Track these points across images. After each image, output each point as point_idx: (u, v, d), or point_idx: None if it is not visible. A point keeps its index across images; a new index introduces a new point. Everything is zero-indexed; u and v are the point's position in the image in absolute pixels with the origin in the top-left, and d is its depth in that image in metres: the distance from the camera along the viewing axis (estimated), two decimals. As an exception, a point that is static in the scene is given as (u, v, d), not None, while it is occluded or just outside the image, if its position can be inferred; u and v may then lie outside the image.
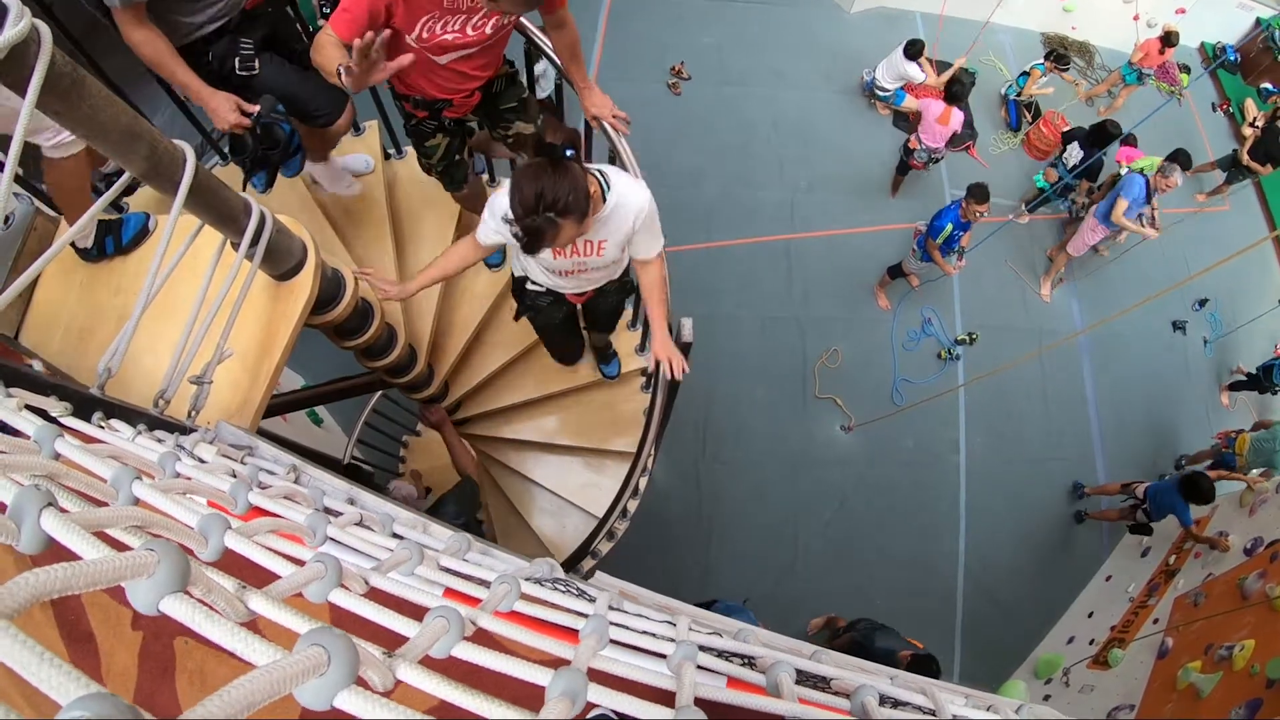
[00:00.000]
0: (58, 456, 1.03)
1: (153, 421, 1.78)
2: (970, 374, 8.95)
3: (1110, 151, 9.52)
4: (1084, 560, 8.65)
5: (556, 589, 1.39)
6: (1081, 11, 11.68)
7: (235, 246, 2.08)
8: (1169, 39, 10.49)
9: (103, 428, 1.57)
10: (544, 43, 3.43)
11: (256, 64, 3.27)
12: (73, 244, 2.77)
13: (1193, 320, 10.21)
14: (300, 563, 0.92)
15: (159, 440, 1.65)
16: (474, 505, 4.55)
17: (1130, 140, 9.68)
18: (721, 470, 8.16)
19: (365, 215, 4.26)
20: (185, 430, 1.92)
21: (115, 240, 2.93)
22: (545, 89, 7.19)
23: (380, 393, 6.31)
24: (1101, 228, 8.75)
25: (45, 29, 1.32)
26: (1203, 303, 10.27)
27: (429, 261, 3.72)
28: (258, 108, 3.11)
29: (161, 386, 1.87)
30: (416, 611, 0.90)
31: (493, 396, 5.02)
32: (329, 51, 2.59)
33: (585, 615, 1.28)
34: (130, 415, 1.72)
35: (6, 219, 2.86)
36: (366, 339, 3.18)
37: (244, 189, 3.78)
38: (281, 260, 2.30)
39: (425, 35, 2.78)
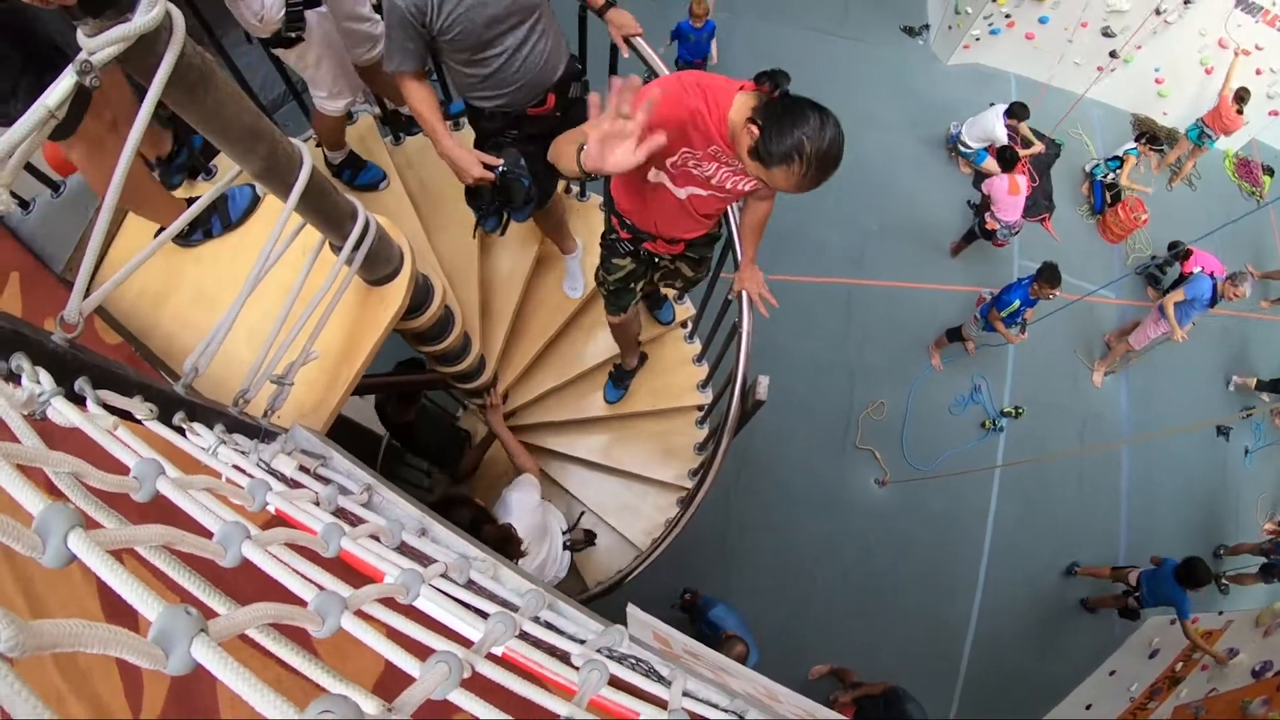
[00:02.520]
0: (156, 495, 0.97)
1: (231, 423, 1.72)
2: (1010, 447, 8.92)
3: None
4: (1091, 649, 8.50)
5: (625, 664, 1.35)
6: (1175, 98, 11.48)
7: (335, 249, 2.02)
8: (1242, 96, 10.24)
9: (183, 430, 1.50)
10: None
11: (504, 156, 3.31)
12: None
13: (1237, 426, 9.98)
14: (409, 643, 0.91)
15: (240, 450, 1.58)
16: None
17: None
18: (752, 501, 8.12)
19: (454, 215, 4.17)
20: (262, 432, 1.86)
21: (223, 219, 2.82)
22: None
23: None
24: (1165, 322, 8.57)
25: (179, 16, 1.25)
26: (1249, 410, 10.00)
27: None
28: (501, 163, 3.18)
29: (243, 386, 1.81)
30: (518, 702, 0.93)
31: (550, 409, 4.99)
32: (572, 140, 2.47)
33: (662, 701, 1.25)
34: (210, 415, 1.65)
35: None
36: (444, 347, 3.13)
37: (474, 234, 3.97)
38: (378, 266, 2.23)
39: (679, 163, 2.74)
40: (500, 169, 3.23)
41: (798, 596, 7.98)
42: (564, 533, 4.31)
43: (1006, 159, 8.73)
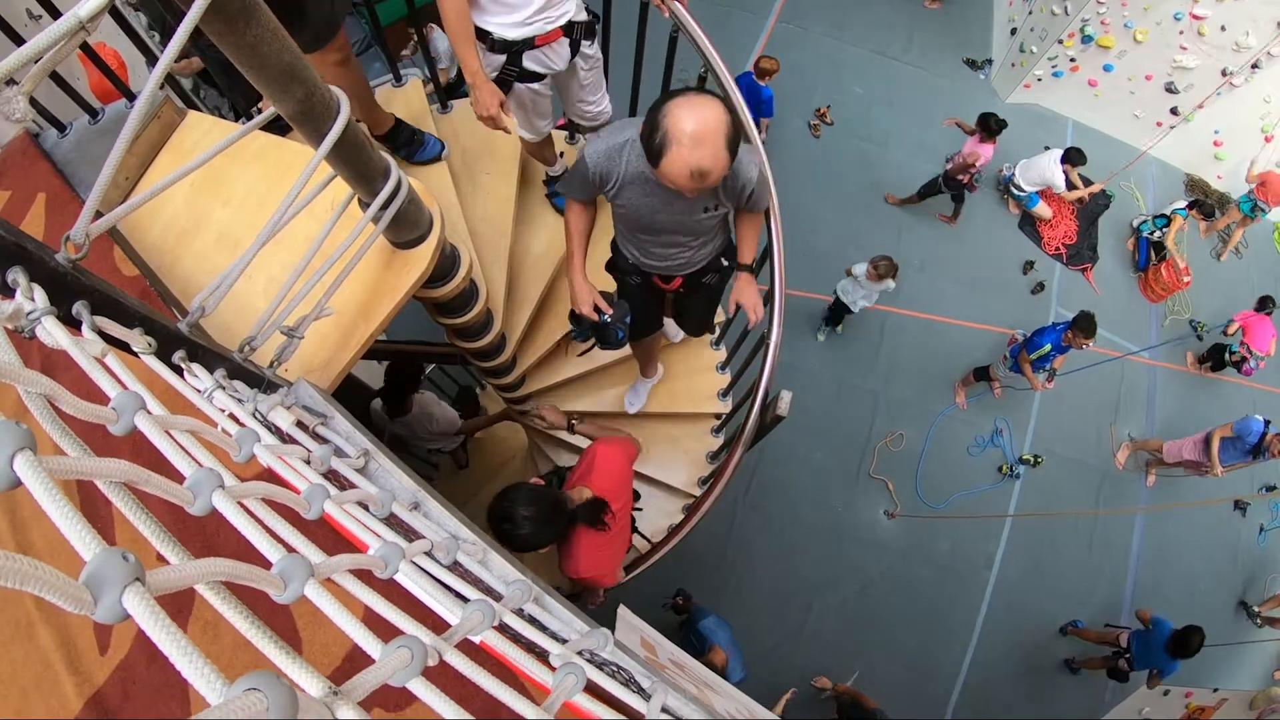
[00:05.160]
0: (134, 431, 0.93)
1: (233, 369, 1.68)
2: (1025, 496, 8.86)
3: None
4: (1081, 710, 8.41)
5: (605, 671, 1.31)
6: (1231, 162, 11.34)
7: (363, 206, 1.98)
8: None
9: (180, 370, 1.46)
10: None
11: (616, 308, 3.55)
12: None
13: (1255, 503, 9.79)
14: (379, 623, 0.92)
15: (237, 398, 1.54)
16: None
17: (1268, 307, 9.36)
18: (757, 518, 8.12)
19: (493, 190, 4.17)
20: (264, 383, 1.82)
21: (409, 152, 3.83)
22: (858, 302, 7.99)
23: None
24: (1200, 449, 8.37)
25: (224, -63, 1.22)
26: (1270, 489, 9.88)
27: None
28: (610, 311, 3.44)
29: (251, 333, 1.77)
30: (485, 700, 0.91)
31: (565, 399, 4.96)
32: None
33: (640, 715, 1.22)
34: (211, 358, 1.61)
35: (134, 97, 2.82)
36: (465, 321, 3.11)
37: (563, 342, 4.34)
38: (406, 230, 2.20)
39: None
40: (605, 317, 3.44)
41: (792, 622, 7.98)
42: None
43: (990, 128, 8.61)
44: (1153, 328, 10.31)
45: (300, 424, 1.74)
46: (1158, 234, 10.29)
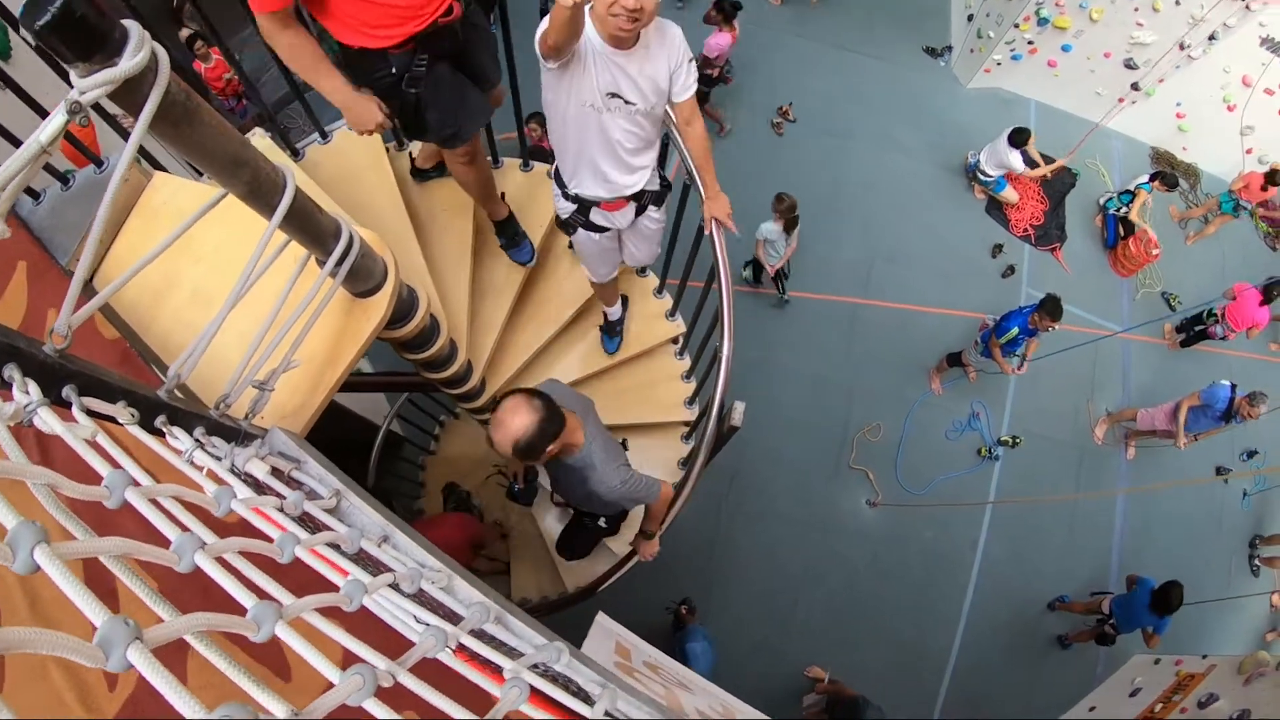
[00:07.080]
0: (124, 505, 1.07)
1: (212, 425, 1.82)
2: (1006, 477, 8.98)
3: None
4: (1072, 683, 8.35)
5: (558, 684, 1.44)
6: (1195, 133, 11.46)
7: (320, 262, 2.13)
8: (1273, 177, 10.16)
9: (163, 434, 1.60)
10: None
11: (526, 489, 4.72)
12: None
13: (1237, 469, 9.90)
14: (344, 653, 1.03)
15: (215, 456, 1.69)
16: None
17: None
18: (741, 517, 8.21)
19: (449, 225, 4.28)
20: (241, 434, 1.96)
21: (508, 246, 4.34)
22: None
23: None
24: (1174, 420, 8.50)
25: (164, 59, 1.34)
26: (1251, 454, 10.00)
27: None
28: (521, 487, 4.50)
29: (225, 391, 1.91)
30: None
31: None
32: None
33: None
34: (190, 419, 1.75)
35: (102, 163, 2.93)
36: (428, 355, 3.24)
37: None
38: (362, 280, 2.33)
39: None
40: (516, 488, 4.60)
41: (779, 615, 8.07)
42: None
43: (726, 12, 8.76)
44: (1124, 303, 10.44)
45: (277, 471, 1.88)
46: (1124, 210, 10.40)
